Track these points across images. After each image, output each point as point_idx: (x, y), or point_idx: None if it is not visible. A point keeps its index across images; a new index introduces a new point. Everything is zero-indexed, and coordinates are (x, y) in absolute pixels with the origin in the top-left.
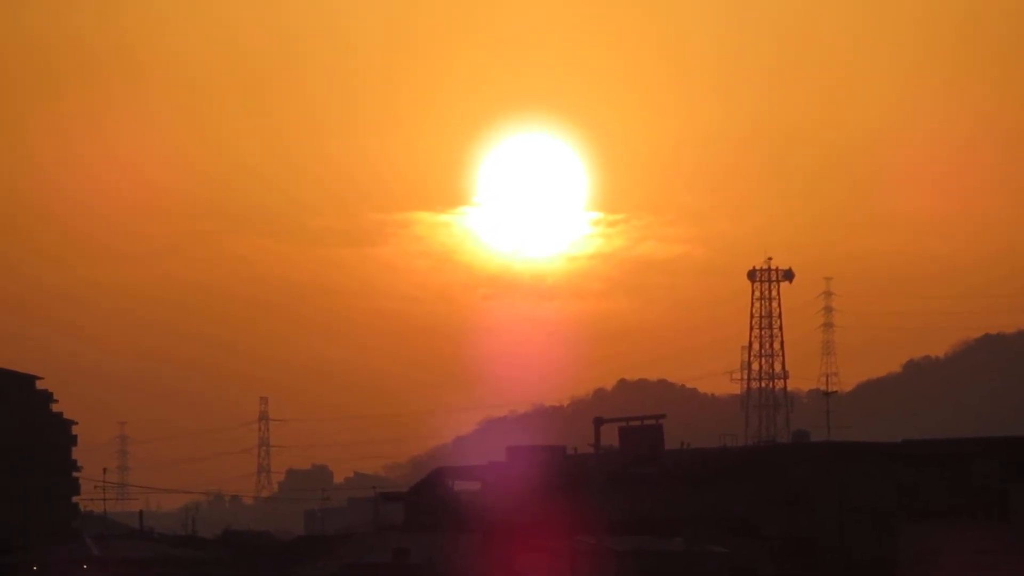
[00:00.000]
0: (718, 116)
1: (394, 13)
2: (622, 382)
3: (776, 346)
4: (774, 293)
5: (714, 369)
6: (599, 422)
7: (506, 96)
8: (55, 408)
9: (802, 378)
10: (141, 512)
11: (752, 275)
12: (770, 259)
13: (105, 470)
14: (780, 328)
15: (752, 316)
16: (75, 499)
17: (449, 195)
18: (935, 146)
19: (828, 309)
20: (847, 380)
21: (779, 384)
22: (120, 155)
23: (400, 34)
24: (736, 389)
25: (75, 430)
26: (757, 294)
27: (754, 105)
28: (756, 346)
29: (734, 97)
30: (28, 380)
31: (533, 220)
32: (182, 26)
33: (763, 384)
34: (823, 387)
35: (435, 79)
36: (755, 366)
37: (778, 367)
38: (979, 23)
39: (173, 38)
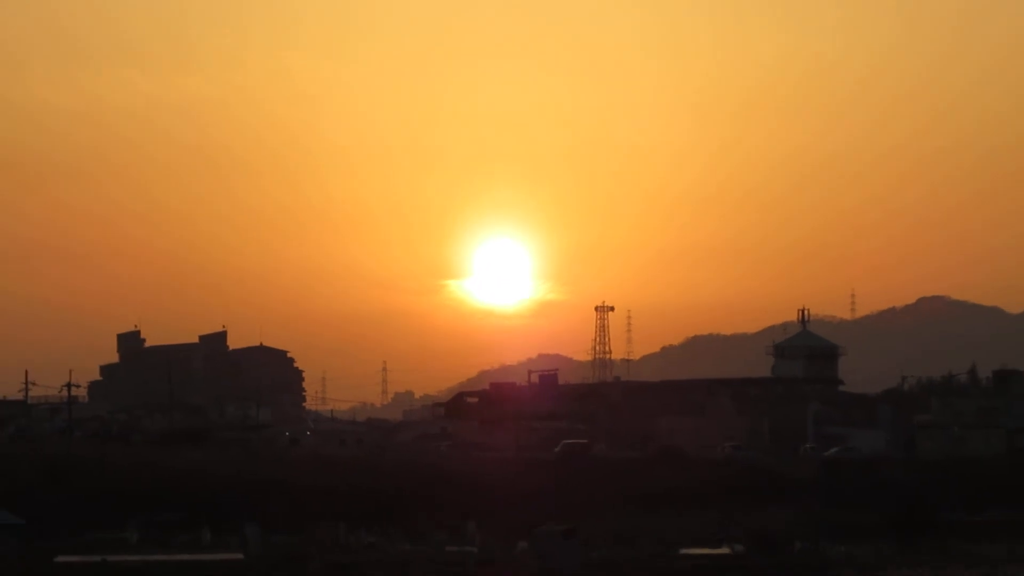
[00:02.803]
0: (594, 234)
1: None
2: (541, 355)
3: (607, 339)
4: (606, 317)
5: (580, 349)
6: (530, 373)
7: (488, 225)
8: (295, 365)
9: (617, 353)
10: (332, 411)
11: (597, 308)
12: (604, 302)
13: (316, 392)
14: (608, 330)
15: (596, 327)
16: (303, 404)
17: (463, 272)
18: (686, 254)
19: (629, 322)
20: (638, 354)
21: (608, 356)
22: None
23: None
24: (590, 358)
25: (304, 375)
26: (598, 317)
27: (609, 226)
28: (598, 338)
29: (608, 221)
30: (282, 353)
31: (502, 285)
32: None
33: (601, 356)
34: (628, 357)
35: (453, 217)
36: (597, 347)
37: (609, 348)
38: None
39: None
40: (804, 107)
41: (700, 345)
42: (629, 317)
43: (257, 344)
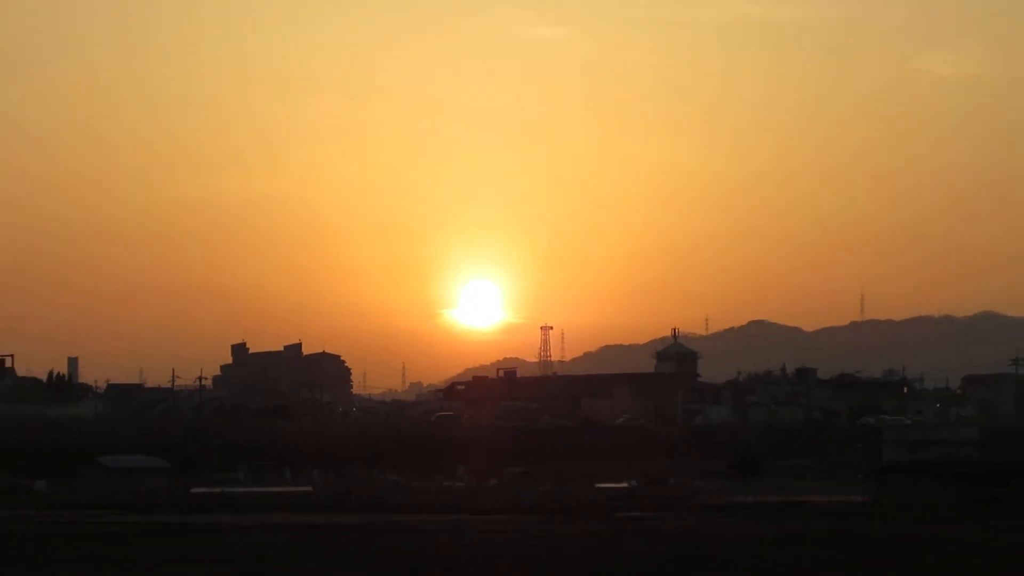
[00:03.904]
0: (540, 278)
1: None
2: (506, 358)
3: (548, 347)
4: (547, 333)
5: (531, 354)
6: (498, 370)
7: (469, 272)
8: (345, 365)
9: (555, 357)
10: (369, 395)
11: (542, 327)
12: (546, 323)
13: (359, 383)
14: (549, 342)
15: (541, 339)
16: (351, 391)
17: (453, 304)
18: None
19: (562, 335)
20: (568, 357)
21: (549, 358)
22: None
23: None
24: (538, 360)
25: (351, 372)
26: (543, 333)
27: (551, 272)
28: (542, 347)
29: (550, 269)
30: (337, 357)
31: (479, 312)
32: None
33: (544, 359)
34: (562, 359)
35: (446, 268)
36: (542, 353)
37: (549, 353)
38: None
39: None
40: (674, 197)
41: (609, 352)
42: (563, 333)
43: (321, 351)
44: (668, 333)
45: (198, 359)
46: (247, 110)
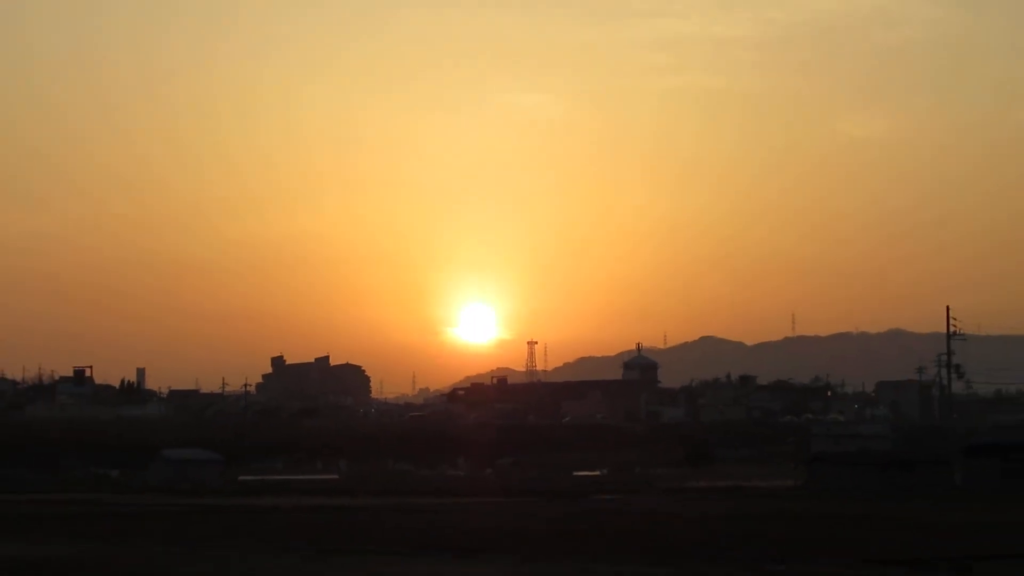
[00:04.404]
0: (528, 301)
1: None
2: (499, 368)
3: (533, 358)
4: (533, 347)
5: (520, 364)
6: (492, 378)
7: (467, 295)
8: (366, 374)
9: (540, 367)
10: (385, 399)
11: (528, 342)
12: (532, 339)
13: (377, 389)
14: (534, 354)
15: (528, 352)
16: (371, 396)
17: (454, 323)
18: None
19: (545, 349)
20: (550, 367)
21: (534, 368)
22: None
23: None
24: (525, 369)
25: (371, 380)
26: (529, 347)
27: (535, 297)
28: (528, 358)
29: (534, 293)
30: (359, 367)
31: (475, 332)
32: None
33: (530, 368)
34: (545, 369)
35: (448, 292)
36: (528, 363)
37: (535, 364)
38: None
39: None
40: (638, 235)
41: (584, 362)
42: (546, 347)
43: (345, 363)
44: (633, 347)
45: (244, 369)
46: (272, 165)
